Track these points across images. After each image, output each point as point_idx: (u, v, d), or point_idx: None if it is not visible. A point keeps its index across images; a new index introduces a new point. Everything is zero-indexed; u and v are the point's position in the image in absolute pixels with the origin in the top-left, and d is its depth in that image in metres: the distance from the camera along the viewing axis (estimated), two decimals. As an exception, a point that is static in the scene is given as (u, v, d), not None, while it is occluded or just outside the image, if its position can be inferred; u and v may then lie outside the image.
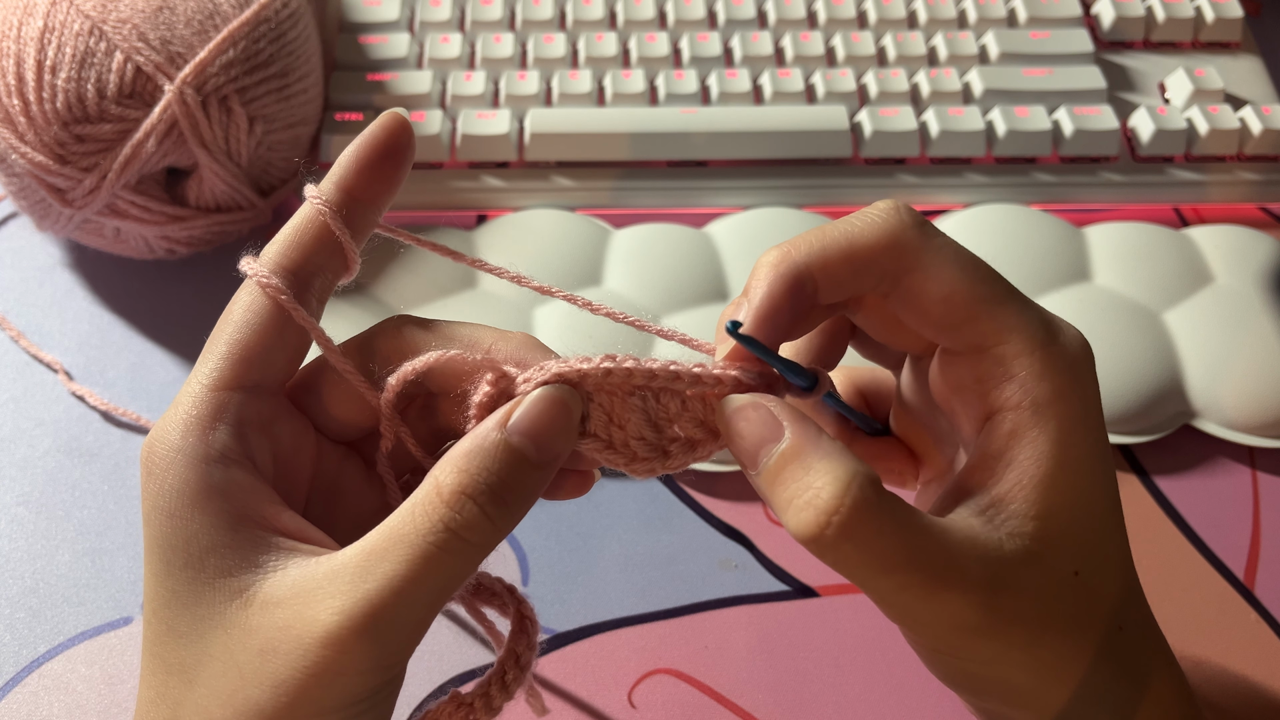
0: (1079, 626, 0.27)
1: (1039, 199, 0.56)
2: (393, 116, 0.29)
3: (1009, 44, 0.59)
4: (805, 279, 0.27)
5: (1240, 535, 0.47)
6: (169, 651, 0.26)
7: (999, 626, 0.26)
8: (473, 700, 0.30)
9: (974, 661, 0.27)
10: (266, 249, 0.29)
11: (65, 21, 0.44)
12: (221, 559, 0.26)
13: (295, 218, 0.29)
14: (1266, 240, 0.54)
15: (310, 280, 0.29)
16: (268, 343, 0.28)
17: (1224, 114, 0.56)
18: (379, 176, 0.29)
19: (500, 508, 0.26)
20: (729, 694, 0.42)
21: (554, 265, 0.51)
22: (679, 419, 0.28)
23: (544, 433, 0.26)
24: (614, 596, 0.44)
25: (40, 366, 0.50)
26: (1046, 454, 0.27)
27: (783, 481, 0.26)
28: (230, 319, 0.28)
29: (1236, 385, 0.48)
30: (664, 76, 0.57)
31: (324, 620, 0.24)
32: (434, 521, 0.25)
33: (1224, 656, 0.43)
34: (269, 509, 0.27)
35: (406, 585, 0.25)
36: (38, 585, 0.44)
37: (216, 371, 0.27)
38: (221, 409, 0.27)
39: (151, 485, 0.26)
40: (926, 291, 0.27)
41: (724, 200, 0.55)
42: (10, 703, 0.41)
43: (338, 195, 0.29)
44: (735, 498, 0.47)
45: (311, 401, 0.30)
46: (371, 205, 0.29)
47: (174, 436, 0.27)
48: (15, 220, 0.55)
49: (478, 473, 0.25)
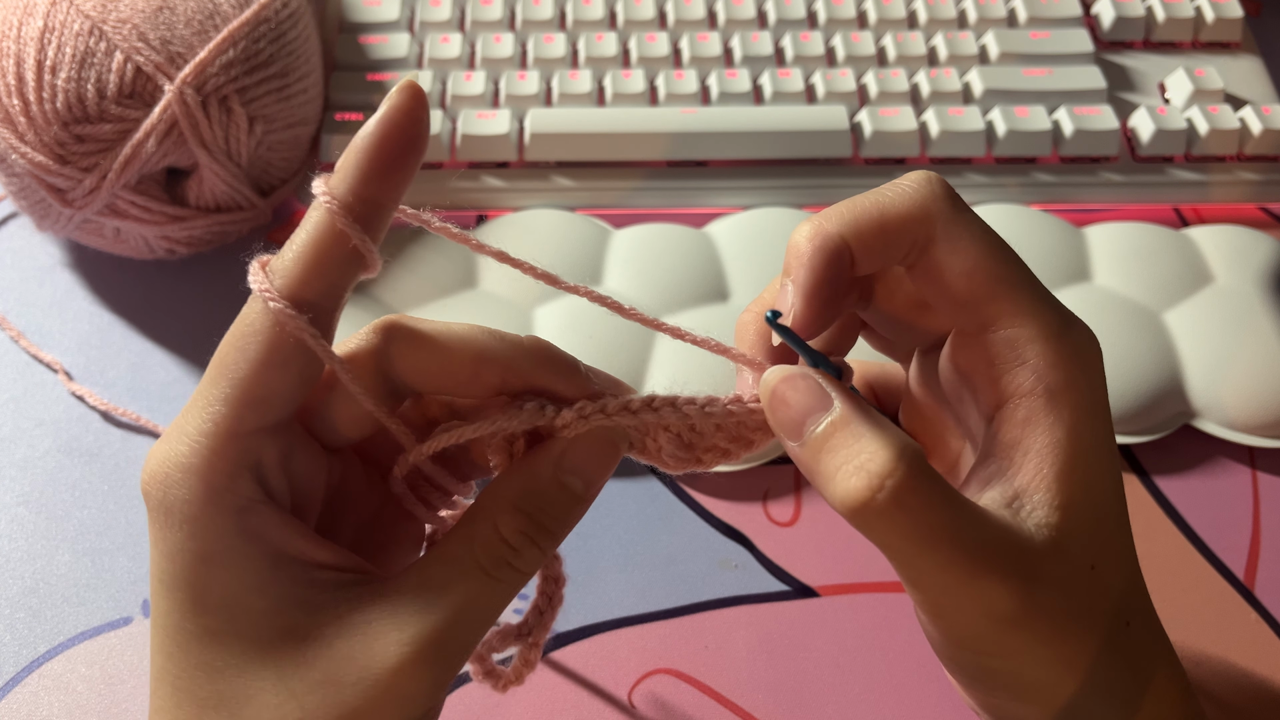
0: (1092, 621, 0.27)
1: (1039, 199, 0.56)
2: (409, 95, 0.25)
3: (1009, 44, 0.59)
4: (843, 250, 0.27)
5: (1240, 535, 0.47)
6: (201, 687, 0.26)
7: (1030, 618, 0.26)
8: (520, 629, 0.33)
9: (997, 654, 0.27)
10: (281, 264, 0.26)
11: (65, 21, 0.44)
12: (264, 598, 0.26)
13: (309, 226, 0.26)
14: (1266, 240, 0.54)
15: (333, 304, 0.26)
16: (286, 382, 0.26)
17: (1224, 114, 0.56)
18: (397, 171, 0.26)
19: (552, 541, 0.28)
20: (729, 694, 0.42)
21: (554, 265, 0.51)
22: (713, 437, 0.29)
23: (596, 473, 0.28)
24: (614, 596, 0.44)
25: (40, 366, 0.50)
26: (1062, 442, 0.27)
27: (831, 449, 0.26)
28: (245, 352, 0.25)
29: (1236, 385, 0.48)
30: (664, 76, 0.57)
31: (393, 650, 0.25)
32: (495, 558, 0.27)
33: (1224, 656, 0.43)
34: (303, 544, 0.27)
35: (468, 615, 0.26)
36: (38, 585, 0.44)
37: (235, 414, 0.25)
38: (243, 455, 0.26)
39: (174, 530, 0.25)
40: (951, 264, 0.27)
41: (724, 200, 0.55)
42: (10, 703, 0.41)
43: (355, 199, 0.25)
44: (735, 498, 0.47)
45: (317, 421, 0.28)
46: (390, 205, 0.26)
47: (197, 484, 0.25)
48: (15, 220, 0.55)
49: (535, 514, 0.27)
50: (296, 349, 0.25)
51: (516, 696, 0.42)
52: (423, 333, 0.28)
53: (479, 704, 0.41)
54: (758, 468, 0.47)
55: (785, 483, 0.47)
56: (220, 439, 0.25)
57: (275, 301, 0.25)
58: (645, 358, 0.48)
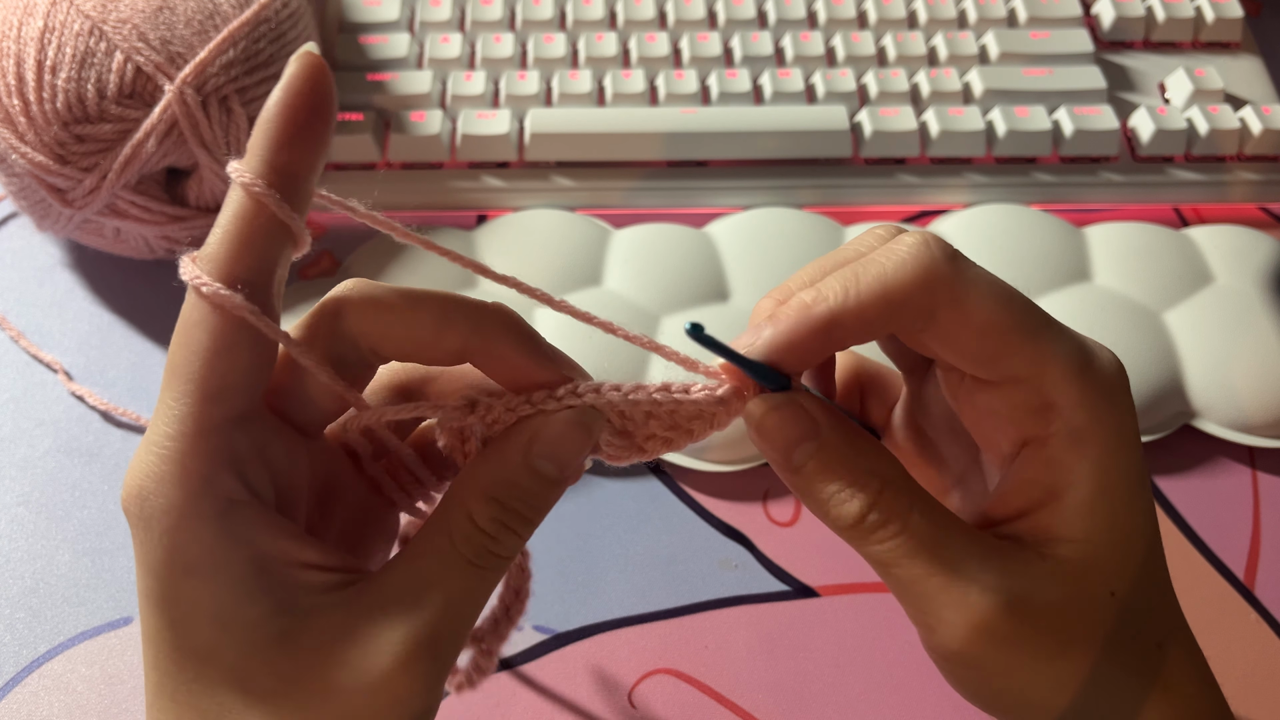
0: (1112, 644, 0.27)
1: (1039, 199, 0.56)
2: (306, 61, 0.25)
3: (1009, 44, 0.59)
4: (835, 327, 0.26)
5: (1240, 535, 0.47)
6: (200, 700, 0.26)
7: (1020, 633, 0.26)
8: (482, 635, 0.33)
9: (992, 671, 0.27)
10: (210, 250, 0.25)
11: (65, 21, 0.44)
12: (254, 606, 0.25)
13: (229, 207, 0.25)
14: (1266, 240, 0.54)
15: (267, 280, 0.25)
16: (240, 366, 0.25)
17: (1224, 114, 0.56)
18: (308, 138, 0.25)
19: (528, 527, 0.27)
20: (729, 694, 0.42)
21: (554, 265, 0.51)
22: (648, 426, 0.29)
23: (568, 455, 0.27)
24: (614, 596, 0.44)
25: (40, 366, 0.50)
26: (1087, 479, 0.27)
27: (823, 479, 0.27)
28: (191, 346, 0.25)
29: (1236, 385, 0.48)
30: (664, 76, 0.57)
31: (387, 651, 0.25)
32: (476, 548, 0.26)
33: (1224, 656, 0.43)
34: (288, 544, 0.26)
35: (458, 608, 0.26)
36: (38, 585, 0.44)
37: (198, 410, 0.24)
38: (216, 452, 0.25)
39: (154, 545, 0.25)
40: (962, 327, 0.27)
41: (724, 200, 0.55)
42: (10, 703, 0.41)
43: (269, 170, 0.25)
44: (735, 498, 0.47)
45: (289, 404, 0.28)
46: (306, 173, 0.25)
47: (173, 491, 0.24)
48: (15, 220, 0.55)
49: (508, 501, 0.27)
50: (241, 330, 0.25)
51: (517, 696, 0.42)
52: (381, 293, 0.27)
53: (479, 704, 0.41)
54: (758, 468, 0.47)
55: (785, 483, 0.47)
56: (188, 439, 0.25)
57: (207, 285, 0.24)
58: (645, 357, 0.48)
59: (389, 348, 0.27)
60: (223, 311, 0.24)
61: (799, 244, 0.52)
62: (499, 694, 0.42)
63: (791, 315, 0.26)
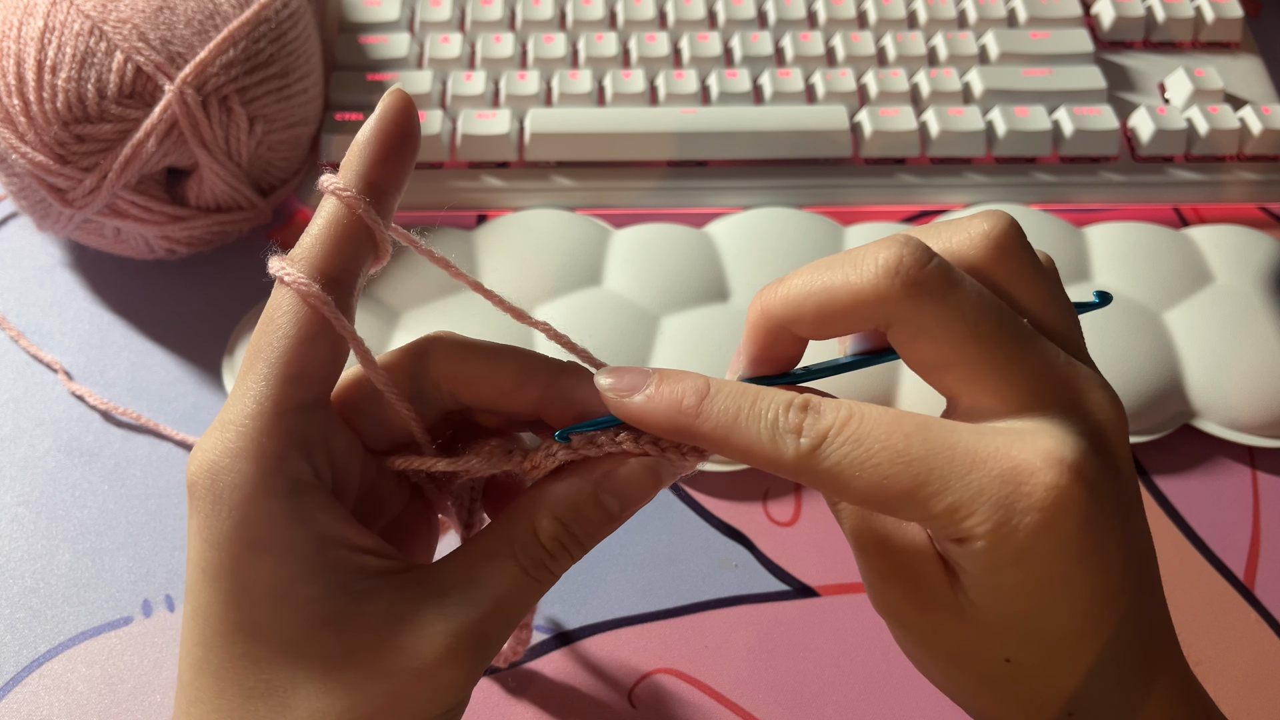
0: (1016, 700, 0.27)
1: (1039, 199, 0.56)
2: (399, 97, 0.28)
3: (1009, 44, 0.59)
4: (781, 331, 0.27)
5: (1240, 535, 0.47)
6: (246, 677, 0.26)
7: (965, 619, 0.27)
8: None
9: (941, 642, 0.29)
10: (300, 250, 0.27)
11: (65, 21, 0.44)
12: (311, 585, 0.26)
13: (323, 214, 0.27)
14: (1266, 240, 0.54)
15: (350, 282, 0.28)
16: (319, 356, 0.27)
17: (1224, 114, 0.56)
18: (396, 161, 0.28)
19: (581, 550, 0.29)
20: (729, 694, 0.42)
21: (554, 265, 0.51)
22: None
23: (633, 498, 0.29)
24: (614, 596, 0.44)
25: (40, 366, 0.50)
26: (1016, 615, 0.26)
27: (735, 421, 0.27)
28: (276, 332, 0.26)
29: (1236, 385, 0.48)
30: (664, 76, 0.57)
31: (440, 639, 0.26)
32: (534, 559, 0.28)
33: (1224, 656, 0.43)
34: (347, 529, 0.27)
35: (508, 609, 0.27)
36: (38, 585, 0.44)
37: (277, 392, 0.26)
38: (289, 433, 0.26)
39: (223, 518, 0.26)
40: (910, 354, 0.26)
41: (724, 200, 0.55)
42: (10, 703, 0.41)
43: (362, 185, 0.27)
44: (735, 497, 0.47)
45: (357, 418, 0.29)
46: (392, 192, 0.28)
47: (247, 467, 0.26)
48: (15, 220, 0.55)
49: (573, 525, 0.28)
50: (323, 322, 0.27)
51: (517, 695, 0.42)
52: (471, 342, 0.30)
53: (480, 703, 0.41)
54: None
55: (785, 482, 0.47)
56: (266, 419, 0.26)
57: (295, 276, 0.26)
58: (645, 357, 0.48)
59: (468, 392, 0.29)
60: (300, 301, 0.26)
61: (799, 244, 0.52)
62: (499, 693, 0.42)
63: (748, 325, 0.28)
